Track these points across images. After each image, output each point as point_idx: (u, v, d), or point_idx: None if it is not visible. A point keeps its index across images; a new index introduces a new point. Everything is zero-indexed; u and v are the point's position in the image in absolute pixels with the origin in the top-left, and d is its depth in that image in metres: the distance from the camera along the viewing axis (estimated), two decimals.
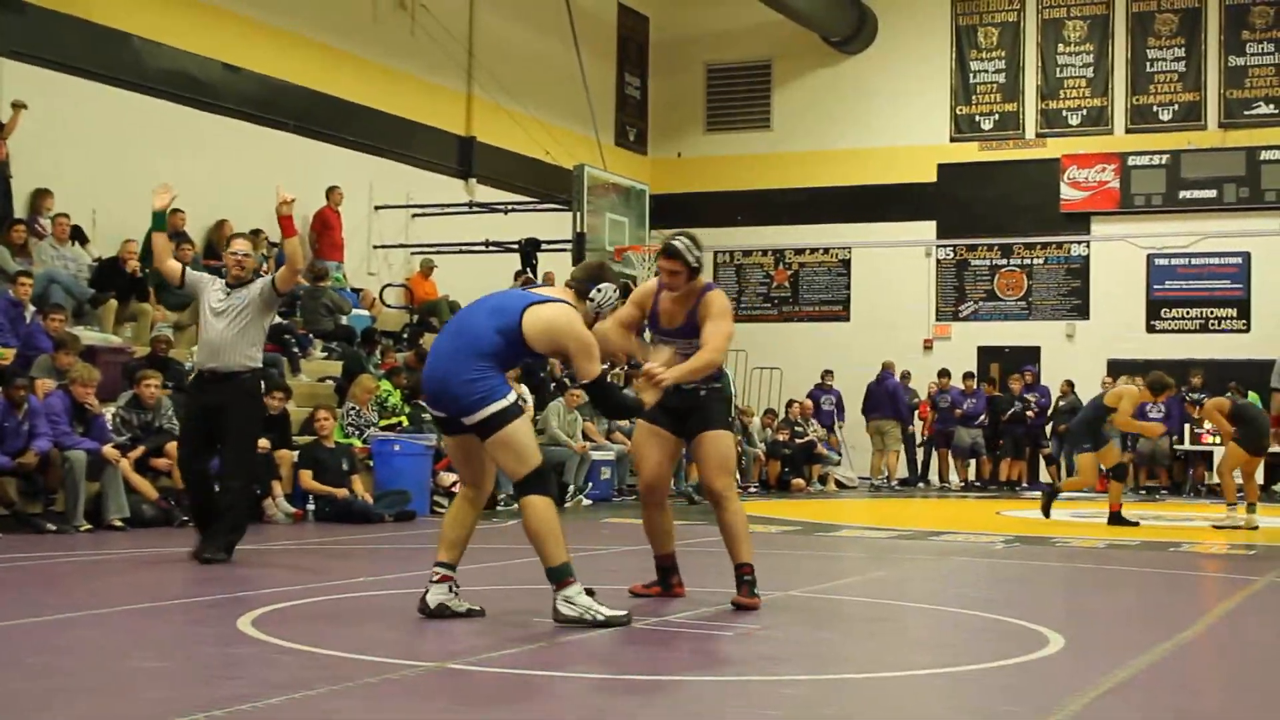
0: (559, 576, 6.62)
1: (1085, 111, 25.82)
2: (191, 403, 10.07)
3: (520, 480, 6.65)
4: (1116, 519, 14.59)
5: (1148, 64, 25.50)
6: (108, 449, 12.05)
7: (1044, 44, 26.14)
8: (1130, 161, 25.14)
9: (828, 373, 24.46)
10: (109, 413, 12.73)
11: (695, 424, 7.55)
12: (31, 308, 13.80)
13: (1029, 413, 23.11)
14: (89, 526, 11.91)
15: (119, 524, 11.81)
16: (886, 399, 23.40)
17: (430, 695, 5.28)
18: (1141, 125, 25.43)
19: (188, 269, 9.98)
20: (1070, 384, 23.08)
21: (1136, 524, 14.51)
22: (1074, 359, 24.82)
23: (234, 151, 18.27)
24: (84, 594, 8.15)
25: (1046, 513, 15.01)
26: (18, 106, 14.99)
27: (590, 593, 6.67)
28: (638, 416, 7.12)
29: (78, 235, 15.68)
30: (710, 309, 7.39)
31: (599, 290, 6.88)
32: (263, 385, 10.38)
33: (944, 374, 23.70)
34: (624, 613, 6.74)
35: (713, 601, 7.73)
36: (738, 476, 19.20)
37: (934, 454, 24.03)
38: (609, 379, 6.74)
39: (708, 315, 7.39)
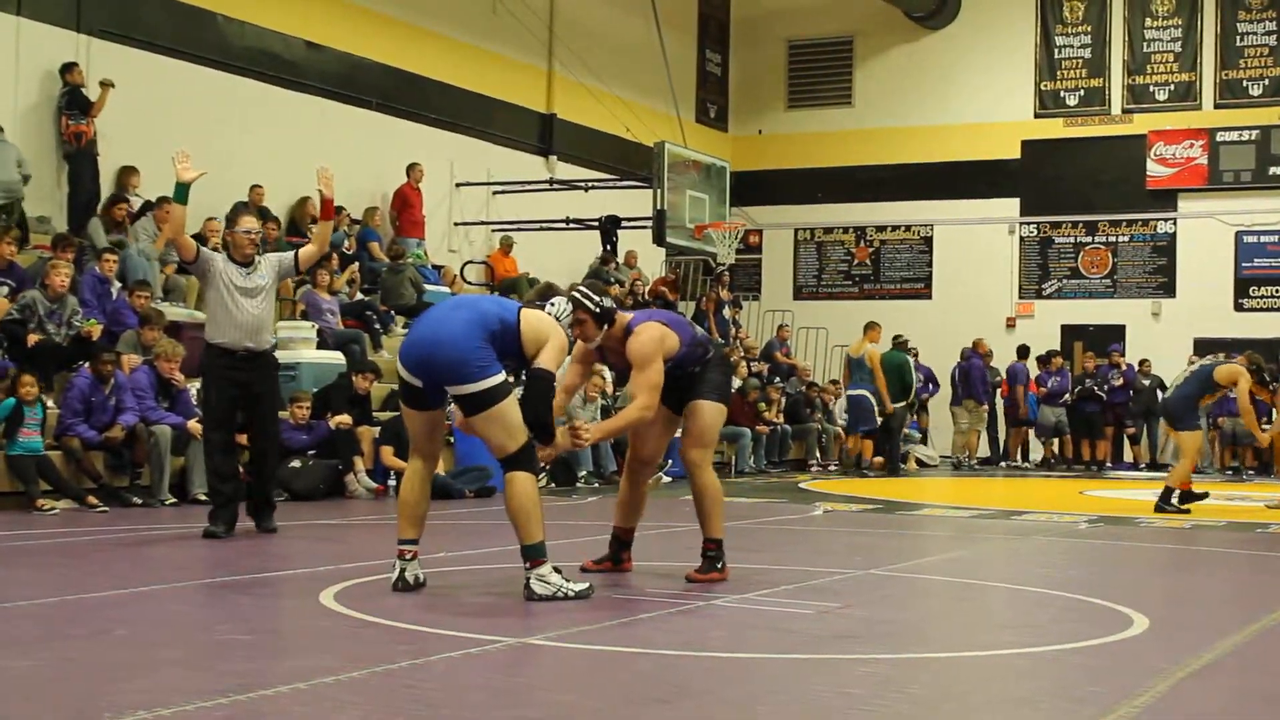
0: (534, 554, 6.74)
1: (1173, 87, 25.43)
2: (224, 383, 9.56)
3: (510, 456, 6.77)
4: (1190, 496, 13.54)
5: (1238, 38, 25.06)
6: (192, 424, 12.17)
7: (1130, 18, 25.75)
8: (1219, 137, 24.75)
9: (912, 349, 24.18)
10: (194, 388, 12.85)
11: (687, 394, 7.63)
12: (118, 284, 13.97)
13: (1097, 390, 22.80)
14: (174, 500, 12.08)
15: (203, 498, 11.91)
16: (963, 379, 23.23)
17: (511, 670, 5.30)
18: (1231, 100, 25.02)
19: (201, 248, 9.62)
20: (1146, 362, 22.81)
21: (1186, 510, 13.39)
22: (1160, 337, 24.50)
23: (316, 129, 18.38)
24: (169, 567, 8.26)
25: (1181, 510, 13.31)
26: (105, 85, 15.17)
27: (557, 570, 6.78)
28: (537, 441, 7.06)
29: None
30: (632, 357, 7.34)
31: (552, 305, 7.13)
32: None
33: (1037, 354, 23.32)
34: (587, 585, 6.87)
35: (792, 580, 7.74)
36: (819, 455, 19.16)
37: (1012, 433, 23.76)
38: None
39: (632, 365, 7.36)
